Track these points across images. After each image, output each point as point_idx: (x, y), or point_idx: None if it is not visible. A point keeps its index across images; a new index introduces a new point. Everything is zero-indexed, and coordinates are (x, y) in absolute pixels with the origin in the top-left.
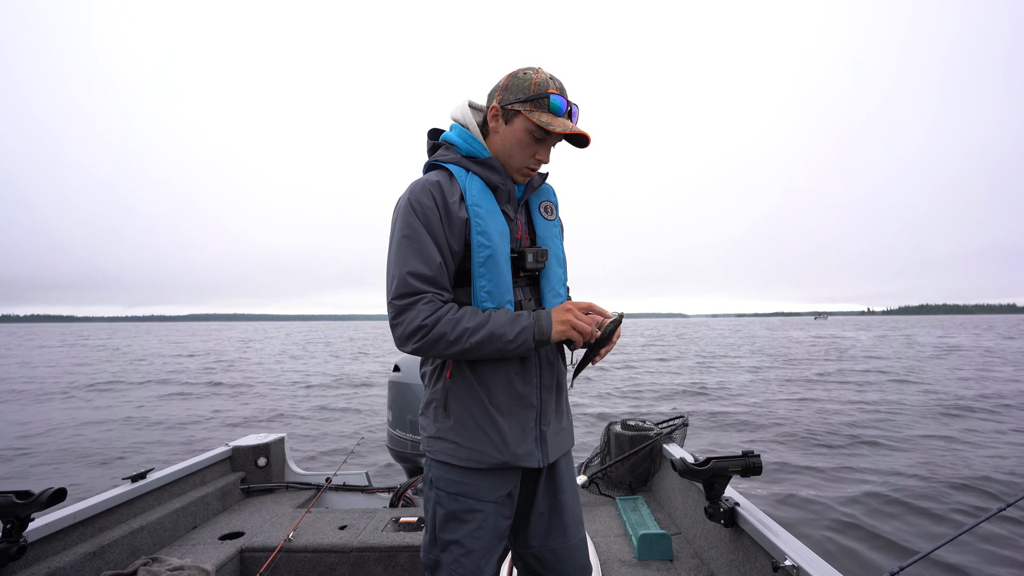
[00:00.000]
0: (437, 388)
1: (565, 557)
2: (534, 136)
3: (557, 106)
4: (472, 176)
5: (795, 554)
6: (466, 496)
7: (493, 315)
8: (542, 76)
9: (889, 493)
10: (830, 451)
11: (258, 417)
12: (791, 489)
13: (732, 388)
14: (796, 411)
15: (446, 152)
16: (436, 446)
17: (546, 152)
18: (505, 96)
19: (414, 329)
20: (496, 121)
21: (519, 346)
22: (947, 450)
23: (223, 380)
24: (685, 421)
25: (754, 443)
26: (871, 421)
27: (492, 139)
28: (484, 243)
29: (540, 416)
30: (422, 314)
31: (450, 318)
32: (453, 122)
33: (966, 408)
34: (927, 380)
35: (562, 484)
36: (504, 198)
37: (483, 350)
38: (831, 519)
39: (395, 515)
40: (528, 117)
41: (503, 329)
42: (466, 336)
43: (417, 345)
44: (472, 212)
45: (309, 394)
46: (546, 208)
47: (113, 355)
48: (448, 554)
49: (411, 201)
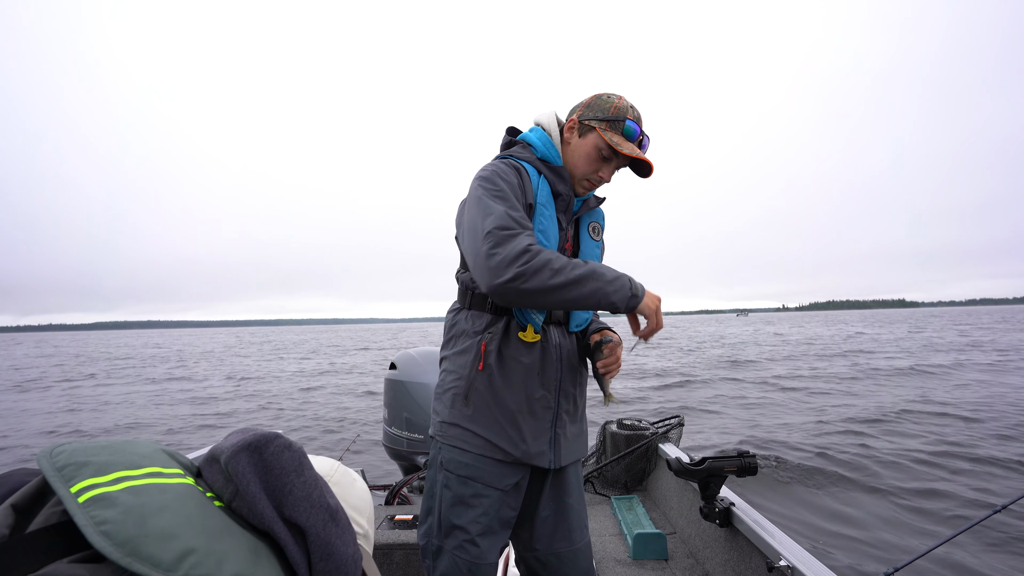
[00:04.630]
0: (461, 377)
1: (569, 561)
2: (602, 154)
3: (631, 131)
4: (542, 179)
5: (790, 554)
6: (476, 480)
7: (589, 261)
8: (624, 103)
9: (889, 493)
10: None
11: (256, 416)
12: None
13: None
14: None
15: (522, 151)
16: (450, 432)
17: (610, 172)
18: (585, 112)
19: (520, 251)
20: (571, 133)
21: (616, 291)
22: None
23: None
24: (681, 421)
25: (747, 443)
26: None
27: (564, 149)
28: (541, 240)
29: (556, 419)
30: (525, 241)
31: (552, 251)
32: (535, 126)
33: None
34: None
35: (568, 487)
36: (563, 207)
37: (583, 288)
38: (827, 518)
39: (390, 513)
40: (601, 135)
41: (603, 270)
42: (569, 268)
43: (521, 269)
44: (538, 208)
45: (308, 393)
46: (594, 228)
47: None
48: (452, 539)
49: (495, 169)
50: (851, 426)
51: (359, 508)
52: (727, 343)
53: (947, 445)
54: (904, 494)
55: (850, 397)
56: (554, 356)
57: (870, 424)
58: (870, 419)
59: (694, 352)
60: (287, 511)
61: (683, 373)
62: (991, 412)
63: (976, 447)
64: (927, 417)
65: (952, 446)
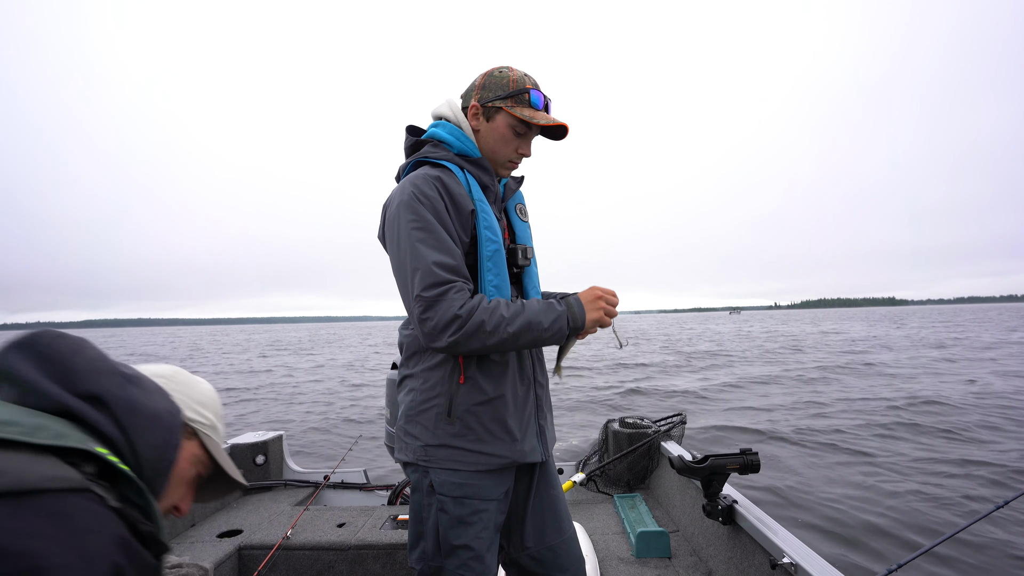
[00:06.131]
0: (439, 394)
1: (563, 552)
2: (516, 131)
3: (536, 100)
4: (468, 176)
5: (793, 551)
6: (472, 498)
7: (526, 304)
8: (518, 74)
9: (888, 490)
10: (827, 447)
11: (255, 415)
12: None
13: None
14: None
15: (436, 149)
16: (439, 454)
17: (528, 146)
18: (485, 94)
19: (449, 320)
20: (477, 120)
21: (554, 334)
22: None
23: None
24: (683, 419)
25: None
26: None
27: (476, 138)
28: (491, 237)
29: (538, 411)
30: (455, 304)
31: (485, 307)
32: (439, 120)
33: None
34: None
35: (552, 478)
36: (492, 198)
37: (519, 340)
38: (828, 516)
39: (393, 512)
40: (511, 113)
41: (539, 318)
42: (503, 326)
43: (453, 338)
44: (478, 206)
45: (306, 392)
46: (521, 210)
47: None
48: (454, 559)
49: (416, 194)
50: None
51: (204, 403)
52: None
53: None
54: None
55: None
56: (526, 349)
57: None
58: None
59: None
60: (77, 387)
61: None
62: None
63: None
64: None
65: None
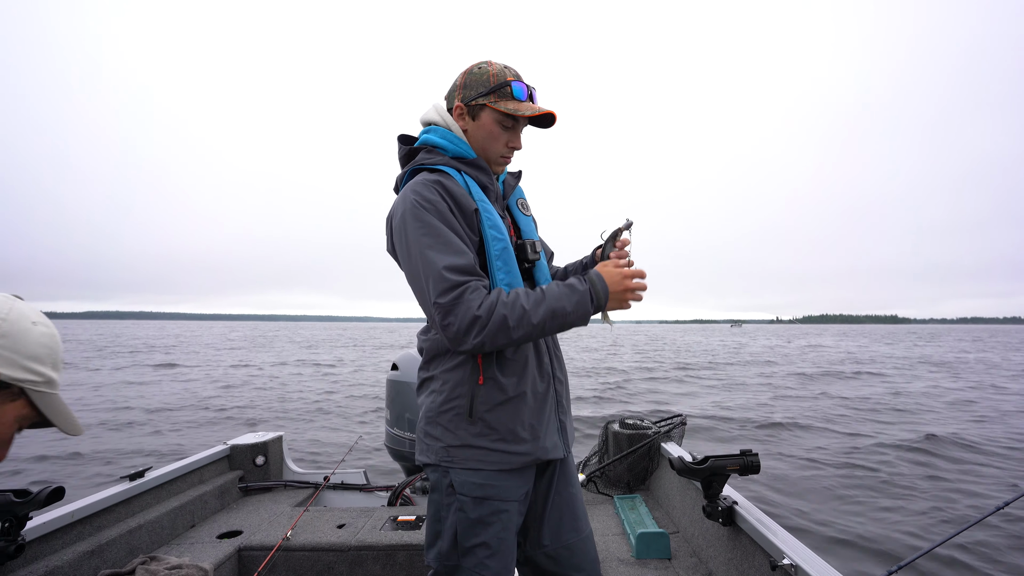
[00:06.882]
0: (460, 395)
1: (579, 551)
2: (503, 126)
3: (519, 91)
4: (467, 178)
5: (793, 553)
6: (492, 499)
7: (546, 291)
8: (497, 67)
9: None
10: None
11: (258, 415)
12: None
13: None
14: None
15: (430, 155)
16: (462, 454)
17: (517, 138)
18: (467, 93)
19: (470, 322)
20: (463, 119)
21: (580, 317)
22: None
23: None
24: (683, 420)
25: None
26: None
27: (466, 139)
28: (497, 236)
29: (558, 407)
30: (473, 305)
31: (504, 302)
32: (430, 125)
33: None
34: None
35: (571, 476)
36: (493, 197)
37: (545, 329)
38: (828, 518)
39: (393, 514)
40: (495, 108)
41: (561, 303)
42: (526, 318)
43: (479, 339)
44: (480, 206)
45: (306, 392)
46: (523, 205)
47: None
48: (471, 558)
49: (418, 201)
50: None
51: (37, 355)
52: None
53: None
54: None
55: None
56: (543, 345)
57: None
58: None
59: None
60: None
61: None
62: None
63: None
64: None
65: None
